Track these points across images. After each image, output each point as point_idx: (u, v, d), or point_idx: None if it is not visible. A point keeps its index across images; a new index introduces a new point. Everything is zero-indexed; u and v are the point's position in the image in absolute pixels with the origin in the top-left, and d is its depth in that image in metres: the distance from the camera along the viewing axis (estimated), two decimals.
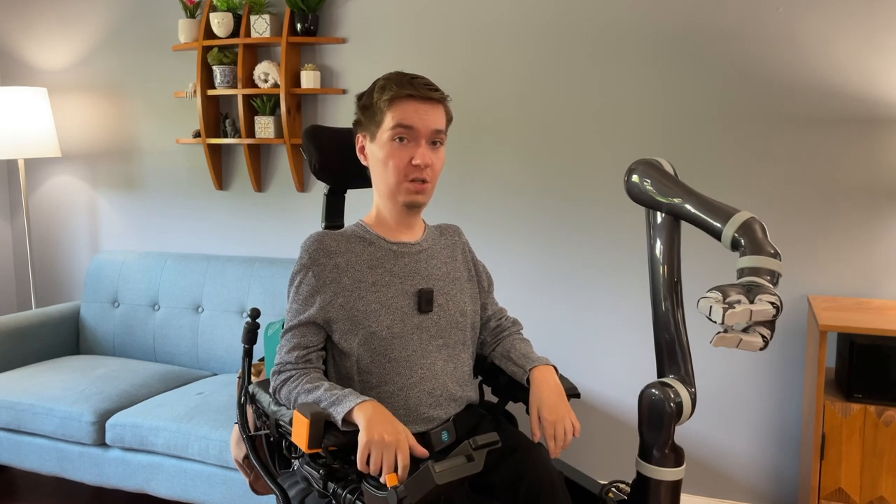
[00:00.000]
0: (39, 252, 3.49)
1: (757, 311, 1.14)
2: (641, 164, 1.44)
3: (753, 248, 1.24)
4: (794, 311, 2.35)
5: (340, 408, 1.30)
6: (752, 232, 1.25)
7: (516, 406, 1.68)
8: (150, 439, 2.36)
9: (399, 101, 1.43)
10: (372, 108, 1.46)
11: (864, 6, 2.20)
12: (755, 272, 1.22)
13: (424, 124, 1.44)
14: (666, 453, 1.36)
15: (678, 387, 1.36)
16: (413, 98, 1.43)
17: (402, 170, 1.44)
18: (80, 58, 3.25)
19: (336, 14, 2.81)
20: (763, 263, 1.22)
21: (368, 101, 1.47)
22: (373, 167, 1.50)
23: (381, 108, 1.44)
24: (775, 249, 1.24)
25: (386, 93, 1.43)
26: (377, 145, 1.46)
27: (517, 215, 2.65)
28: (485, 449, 1.20)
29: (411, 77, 1.45)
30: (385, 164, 1.45)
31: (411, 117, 1.43)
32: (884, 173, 2.23)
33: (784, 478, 2.41)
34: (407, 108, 1.43)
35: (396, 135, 1.43)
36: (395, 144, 1.44)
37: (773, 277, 1.21)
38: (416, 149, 1.44)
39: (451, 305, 1.52)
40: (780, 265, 1.23)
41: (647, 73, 2.44)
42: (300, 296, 1.46)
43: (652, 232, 1.45)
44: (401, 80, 1.44)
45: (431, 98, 1.45)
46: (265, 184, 3.02)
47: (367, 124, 1.48)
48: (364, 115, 1.49)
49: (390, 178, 1.45)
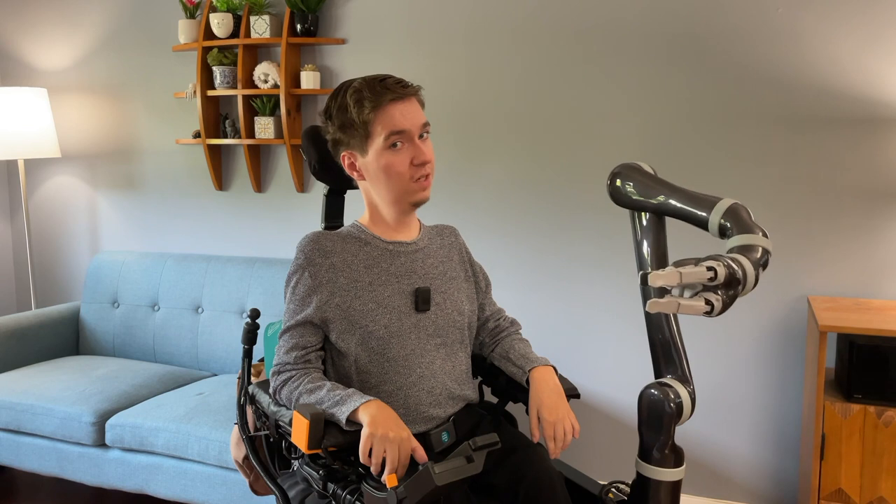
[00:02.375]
0: (39, 252, 3.49)
1: (687, 273, 1.11)
2: (623, 168, 1.46)
3: (740, 228, 1.25)
4: (794, 312, 2.35)
5: (345, 407, 1.30)
6: (737, 214, 1.26)
7: (516, 406, 1.68)
8: (149, 440, 2.36)
9: (381, 109, 1.41)
10: (353, 124, 1.42)
11: (865, 6, 2.20)
12: (743, 250, 1.21)
13: (412, 122, 1.43)
14: (666, 454, 1.36)
15: (678, 387, 1.36)
16: (393, 101, 1.41)
17: (407, 173, 1.44)
18: (80, 58, 3.25)
19: (336, 14, 2.82)
20: (750, 241, 1.22)
21: (345, 118, 1.43)
22: (372, 179, 1.47)
23: (365, 121, 1.41)
24: (762, 229, 1.24)
25: (366, 105, 1.41)
26: (371, 158, 1.44)
27: (515, 216, 2.65)
28: (485, 450, 1.20)
29: (380, 79, 1.43)
30: (387, 172, 1.43)
31: (399, 121, 1.41)
32: (884, 173, 2.23)
33: (784, 478, 2.41)
34: (392, 114, 1.41)
35: (391, 143, 1.42)
36: (391, 151, 1.42)
37: (761, 254, 1.21)
38: (412, 149, 1.43)
39: (448, 304, 1.52)
40: (767, 242, 1.23)
41: (645, 73, 2.44)
42: (297, 296, 1.46)
43: (639, 234, 1.47)
44: (374, 87, 1.41)
45: (408, 94, 1.44)
46: (265, 184, 3.03)
47: (351, 141, 1.45)
48: (345, 134, 1.45)
49: (396, 185, 1.45)
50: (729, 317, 2.42)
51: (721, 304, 1.14)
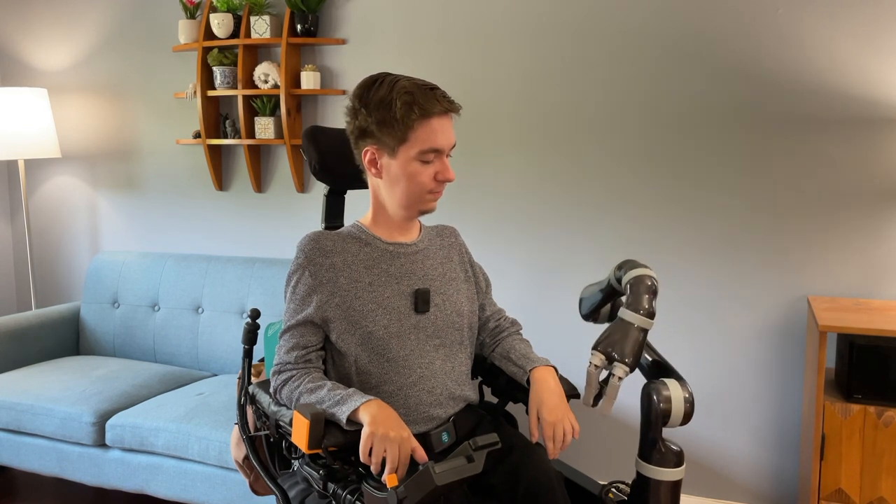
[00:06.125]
0: (39, 252, 3.49)
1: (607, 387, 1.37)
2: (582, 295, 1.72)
3: (629, 267, 1.48)
4: (794, 312, 2.35)
5: (346, 407, 1.30)
6: (626, 266, 1.48)
7: (516, 406, 1.68)
8: (150, 440, 2.36)
9: (427, 120, 1.38)
10: (394, 124, 1.38)
11: (864, 7, 2.20)
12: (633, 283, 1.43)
13: (448, 142, 1.43)
14: (666, 453, 1.36)
15: (678, 387, 1.37)
16: (439, 115, 1.40)
17: (428, 185, 1.44)
18: (80, 58, 3.26)
19: (336, 15, 2.82)
20: (637, 273, 1.44)
21: (387, 115, 1.38)
22: (391, 181, 1.45)
23: (407, 125, 1.38)
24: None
25: (415, 111, 1.37)
26: (399, 162, 1.42)
27: (515, 216, 2.65)
28: (485, 450, 1.20)
29: (431, 88, 1.40)
30: (410, 180, 1.42)
31: (440, 139, 1.40)
32: (884, 173, 2.23)
33: (784, 478, 2.41)
34: (435, 129, 1.39)
35: (426, 157, 1.41)
36: (420, 163, 1.41)
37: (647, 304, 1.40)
38: (440, 165, 1.43)
39: (447, 305, 1.52)
40: (647, 269, 1.45)
41: (646, 73, 2.44)
42: (297, 295, 1.46)
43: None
44: (425, 95, 1.39)
45: (453, 110, 1.43)
46: (265, 184, 3.03)
47: (384, 138, 1.40)
48: (380, 129, 1.40)
49: (413, 193, 1.44)
50: (729, 317, 2.42)
51: (626, 371, 1.36)
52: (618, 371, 1.35)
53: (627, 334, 1.37)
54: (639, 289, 1.40)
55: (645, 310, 1.38)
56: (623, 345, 1.36)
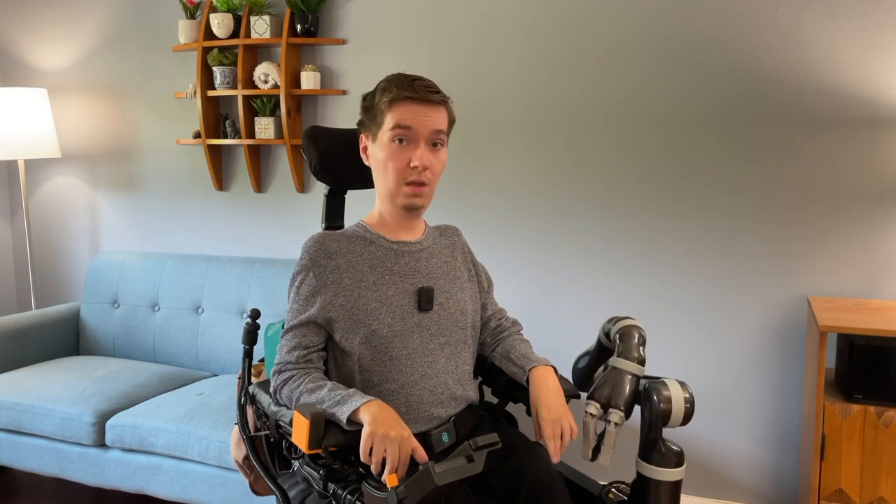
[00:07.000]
0: (39, 252, 3.49)
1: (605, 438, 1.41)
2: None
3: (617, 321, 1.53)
4: (794, 312, 2.35)
5: (346, 407, 1.30)
6: (617, 324, 1.51)
7: (516, 406, 1.68)
8: (149, 440, 2.36)
9: (399, 103, 1.44)
10: (373, 109, 1.48)
11: (865, 7, 2.20)
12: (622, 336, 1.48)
13: (423, 125, 1.44)
14: (666, 453, 1.36)
15: (678, 387, 1.38)
16: (412, 100, 1.43)
17: (401, 172, 1.45)
18: (80, 58, 3.26)
19: (336, 15, 2.82)
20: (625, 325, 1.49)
21: (370, 102, 1.49)
22: (374, 168, 1.51)
23: (381, 109, 1.45)
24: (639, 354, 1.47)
25: (386, 94, 1.44)
26: (378, 146, 1.47)
27: (516, 216, 2.65)
28: (485, 450, 1.20)
29: (412, 79, 1.45)
30: (385, 165, 1.46)
31: (410, 118, 1.43)
32: (884, 173, 2.23)
33: (784, 478, 2.41)
34: (406, 110, 1.43)
35: (396, 136, 1.43)
36: (395, 146, 1.44)
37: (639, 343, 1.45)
38: (414, 150, 1.44)
39: (451, 304, 1.52)
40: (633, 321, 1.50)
41: (646, 73, 2.44)
42: (301, 296, 1.46)
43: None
44: (401, 82, 1.45)
45: (431, 100, 1.45)
46: (265, 184, 3.03)
47: (370, 125, 1.50)
48: (366, 116, 1.51)
49: (389, 181, 1.46)
50: (729, 317, 2.42)
51: (621, 418, 1.40)
52: (614, 418, 1.38)
53: (620, 382, 1.40)
54: (629, 337, 1.45)
55: (636, 357, 1.42)
56: (617, 392, 1.39)
